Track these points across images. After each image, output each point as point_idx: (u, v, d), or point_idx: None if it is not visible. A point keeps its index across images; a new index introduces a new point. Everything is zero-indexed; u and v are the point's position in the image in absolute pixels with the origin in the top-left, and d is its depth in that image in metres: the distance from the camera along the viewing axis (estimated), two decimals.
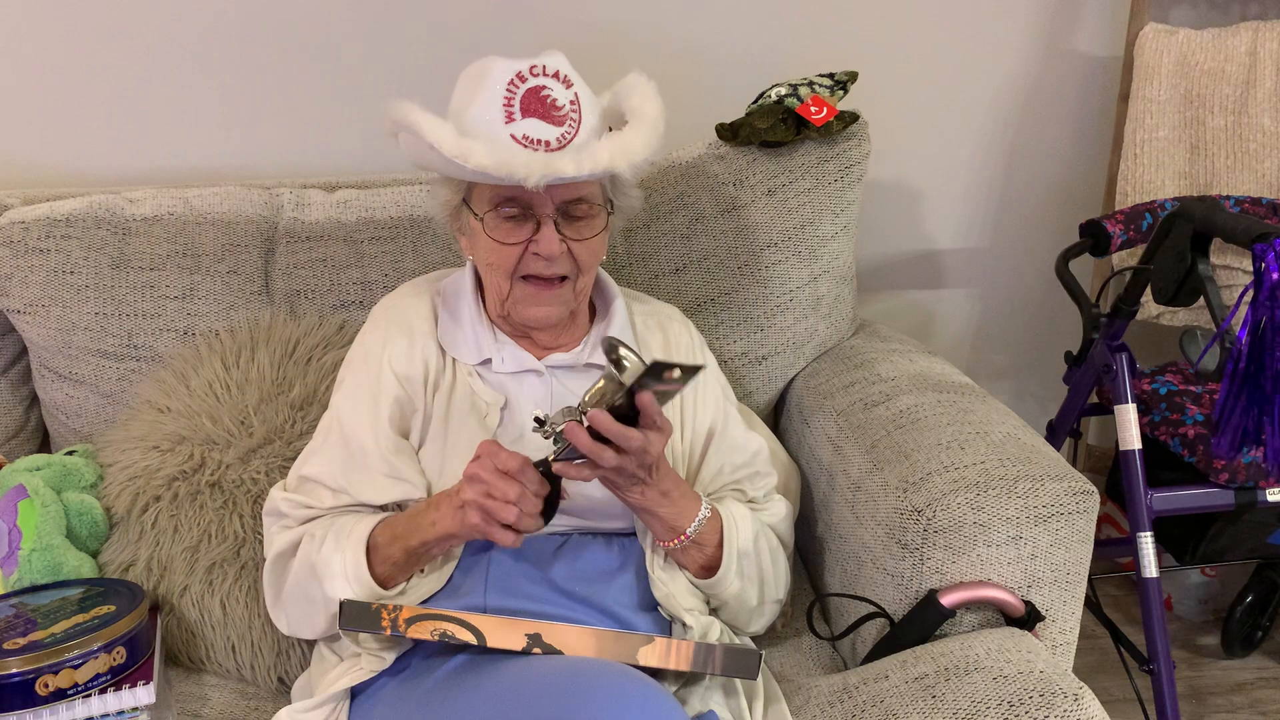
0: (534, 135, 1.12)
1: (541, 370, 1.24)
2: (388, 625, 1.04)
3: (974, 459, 1.23)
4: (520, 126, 1.12)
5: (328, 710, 1.09)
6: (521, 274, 1.19)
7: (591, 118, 1.16)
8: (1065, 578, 1.21)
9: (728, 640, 1.21)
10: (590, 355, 1.26)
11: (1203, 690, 1.90)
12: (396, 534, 1.12)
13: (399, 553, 1.11)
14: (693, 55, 1.83)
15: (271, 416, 1.37)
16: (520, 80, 1.13)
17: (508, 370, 1.24)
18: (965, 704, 1.02)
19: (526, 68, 1.13)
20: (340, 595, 1.11)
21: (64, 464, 1.36)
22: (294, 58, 1.72)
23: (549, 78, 1.13)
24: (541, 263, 1.17)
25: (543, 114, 1.13)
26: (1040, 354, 2.15)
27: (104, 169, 1.71)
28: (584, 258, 1.19)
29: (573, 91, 1.14)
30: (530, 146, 1.12)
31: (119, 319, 1.45)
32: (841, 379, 1.51)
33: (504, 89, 1.12)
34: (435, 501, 1.11)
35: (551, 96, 1.13)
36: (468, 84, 1.17)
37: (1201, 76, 1.84)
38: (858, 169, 1.61)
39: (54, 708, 1.10)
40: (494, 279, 1.22)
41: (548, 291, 1.20)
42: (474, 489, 1.04)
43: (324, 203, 1.55)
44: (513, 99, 1.12)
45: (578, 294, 1.23)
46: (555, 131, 1.13)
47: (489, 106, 1.13)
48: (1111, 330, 1.61)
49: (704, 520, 1.16)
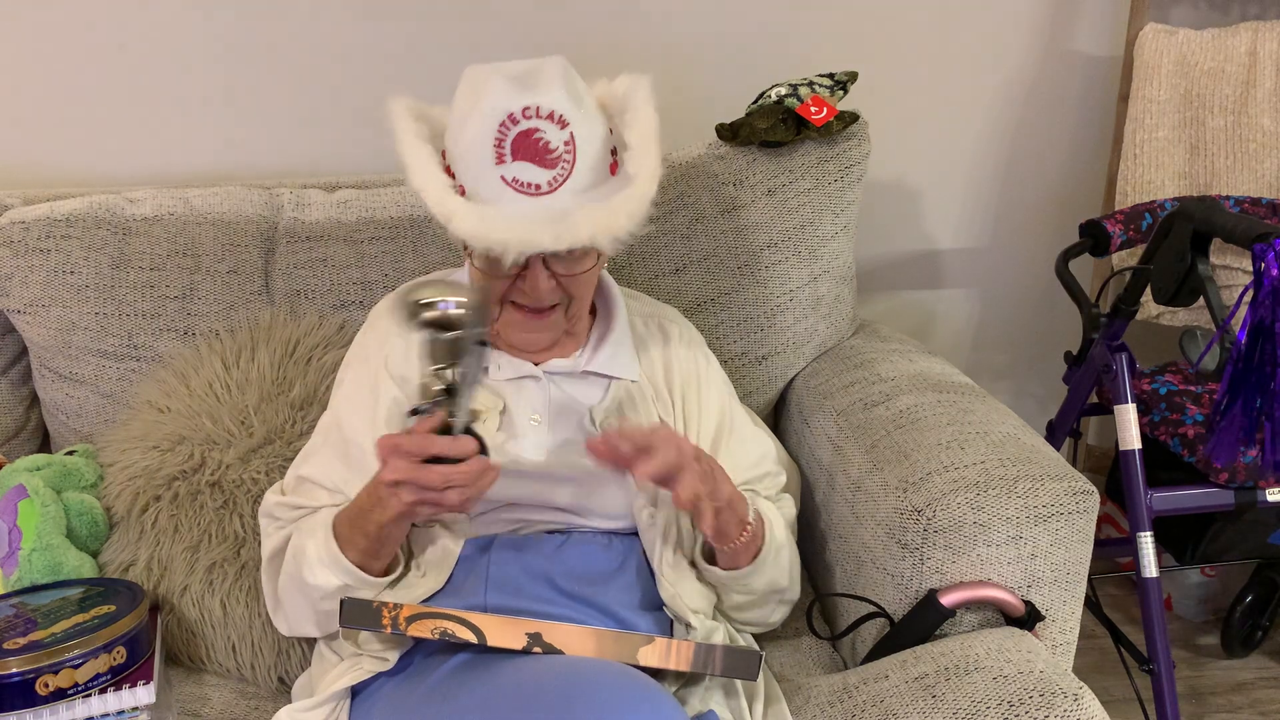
0: (523, 178, 1.09)
1: (539, 376, 1.23)
2: (388, 623, 1.04)
3: (974, 459, 1.23)
4: (510, 169, 1.09)
5: (328, 709, 1.09)
6: (510, 299, 1.18)
7: (590, 154, 1.12)
8: (1065, 578, 1.21)
9: (730, 642, 1.21)
10: (590, 363, 1.25)
11: (1203, 690, 1.90)
12: (352, 521, 1.11)
13: (361, 538, 1.10)
14: (693, 55, 1.83)
15: (271, 416, 1.37)
16: (512, 122, 1.09)
17: (505, 377, 1.23)
18: (965, 704, 1.02)
19: (520, 108, 1.09)
20: (319, 581, 1.12)
21: (64, 464, 1.36)
22: (294, 58, 1.72)
23: (543, 119, 1.09)
24: (528, 297, 1.16)
25: (534, 157, 1.09)
26: (1040, 354, 2.15)
27: (104, 169, 1.71)
28: (576, 289, 1.18)
29: (567, 132, 1.10)
30: (520, 190, 1.10)
31: (119, 319, 1.45)
32: (841, 379, 1.51)
33: (495, 129, 1.09)
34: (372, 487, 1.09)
35: (544, 139, 1.09)
36: (466, 98, 1.14)
37: (1201, 76, 1.84)
38: (858, 169, 1.61)
39: (54, 707, 1.10)
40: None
41: (537, 319, 1.19)
42: (408, 493, 1.02)
43: (324, 203, 1.55)
44: (504, 140, 1.09)
45: (570, 319, 1.22)
46: (546, 175, 1.10)
47: (480, 143, 1.09)
48: (1111, 330, 1.61)
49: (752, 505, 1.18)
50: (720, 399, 1.31)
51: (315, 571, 1.12)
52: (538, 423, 1.21)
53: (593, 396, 1.25)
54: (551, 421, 1.22)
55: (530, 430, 1.21)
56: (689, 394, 1.29)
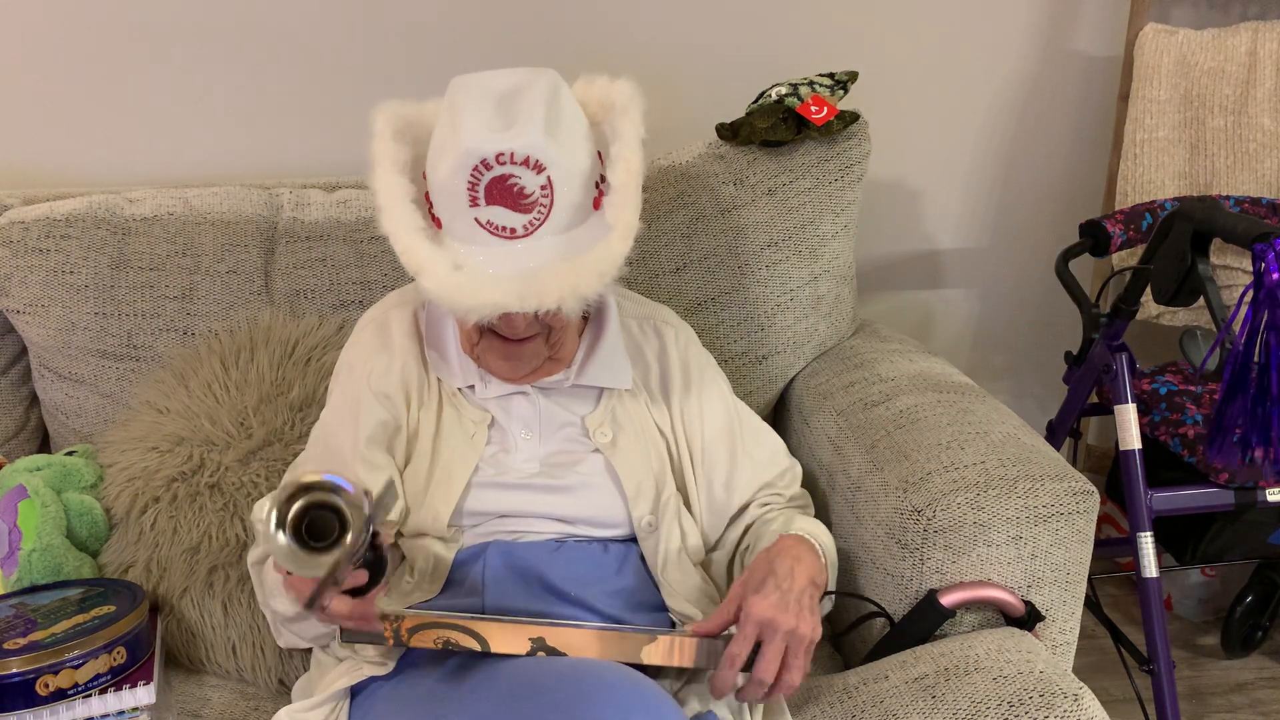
0: (498, 222, 1.06)
1: (528, 391, 1.22)
2: (390, 635, 1.03)
3: (974, 459, 1.23)
4: (484, 213, 1.06)
5: (327, 709, 1.09)
6: (489, 327, 1.14)
7: (570, 193, 1.08)
8: (1065, 578, 1.21)
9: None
10: (580, 377, 1.23)
11: (1203, 690, 1.90)
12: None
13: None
14: (693, 55, 1.83)
15: (271, 418, 1.37)
16: (485, 168, 1.05)
17: (493, 395, 1.22)
18: (965, 704, 1.02)
19: (493, 154, 1.04)
20: (277, 606, 1.14)
21: (64, 464, 1.36)
22: (294, 58, 1.72)
23: (517, 164, 1.05)
24: (505, 331, 1.14)
25: (508, 203, 1.06)
26: (1040, 354, 2.15)
27: (104, 169, 1.71)
28: (556, 323, 1.16)
29: (544, 176, 1.05)
30: (495, 234, 1.07)
31: (119, 319, 1.45)
32: (841, 379, 1.51)
33: (468, 173, 1.05)
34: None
35: (518, 185, 1.06)
36: (445, 125, 1.10)
37: (1201, 76, 1.84)
38: (858, 169, 1.61)
39: (54, 708, 1.10)
40: (462, 327, 1.20)
41: (517, 347, 1.16)
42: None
43: (324, 203, 1.55)
44: (477, 185, 1.05)
45: (552, 345, 1.19)
46: (522, 219, 1.07)
47: (454, 183, 1.06)
48: (1111, 330, 1.61)
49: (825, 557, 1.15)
50: (724, 400, 1.30)
51: (275, 597, 1.14)
52: (528, 437, 1.21)
53: (585, 407, 1.24)
54: (542, 434, 1.21)
55: (521, 444, 1.20)
56: (687, 397, 1.28)
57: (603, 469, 1.20)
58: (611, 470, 1.20)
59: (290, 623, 1.17)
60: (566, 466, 1.20)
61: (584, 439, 1.22)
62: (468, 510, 1.18)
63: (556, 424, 1.22)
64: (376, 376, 1.21)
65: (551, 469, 1.19)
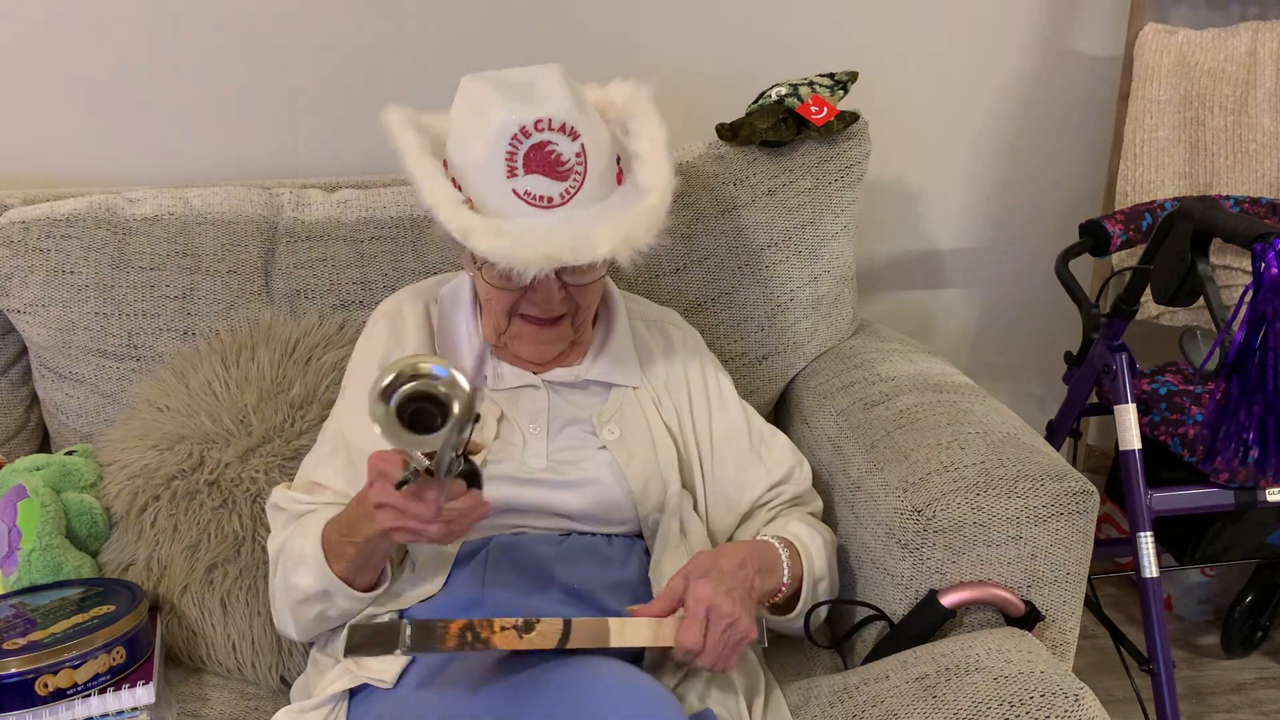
0: (536, 191, 1.09)
1: (539, 385, 1.23)
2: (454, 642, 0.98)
3: (974, 459, 1.23)
4: (522, 183, 1.08)
5: (326, 710, 1.09)
6: (519, 312, 1.18)
7: (599, 161, 1.11)
8: (1065, 578, 1.21)
9: None
10: (590, 372, 1.25)
11: (1203, 690, 1.90)
12: (343, 531, 1.09)
13: (350, 548, 1.08)
14: (693, 55, 1.83)
15: (270, 415, 1.37)
16: (524, 135, 1.08)
17: (505, 387, 1.23)
18: (966, 704, 1.02)
19: (531, 121, 1.07)
20: (298, 581, 1.12)
21: (64, 464, 1.36)
22: (294, 58, 1.72)
23: (555, 131, 1.08)
24: (538, 308, 1.16)
25: (546, 170, 1.09)
26: (1040, 354, 2.15)
27: (104, 169, 1.71)
28: (584, 298, 1.19)
29: (579, 143, 1.09)
30: (533, 204, 1.09)
31: (119, 319, 1.45)
32: (841, 379, 1.51)
33: (506, 143, 1.08)
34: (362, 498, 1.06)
35: (556, 152, 1.08)
36: (468, 113, 1.12)
37: (1201, 76, 1.84)
38: (858, 169, 1.61)
39: (54, 708, 1.10)
40: (491, 314, 1.21)
41: (547, 330, 1.19)
42: (387, 515, 1.00)
43: (324, 203, 1.55)
44: (515, 154, 1.08)
45: (577, 328, 1.22)
46: (559, 187, 1.09)
47: (491, 158, 1.08)
48: (1111, 330, 1.61)
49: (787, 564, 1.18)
50: (734, 401, 1.32)
51: (298, 571, 1.12)
52: (536, 431, 1.21)
53: (594, 405, 1.25)
54: (550, 430, 1.22)
55: (530, 438, 1.21)
56: (696, 398, 1.29)
57: (609, 466, 1.21)
58: (618, 467, 1.20)
59: (308, 603, 1.13)
60: (573, 463, 1.20)
61: (591, 436, 1.22)
62: None
63: (564, 420, 1.23)
64: None
65: (558, 465, 1.20)
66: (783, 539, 1.20)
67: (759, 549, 1.17)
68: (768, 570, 1.16)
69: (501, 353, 1.24)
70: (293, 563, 1.13)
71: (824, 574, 1.23)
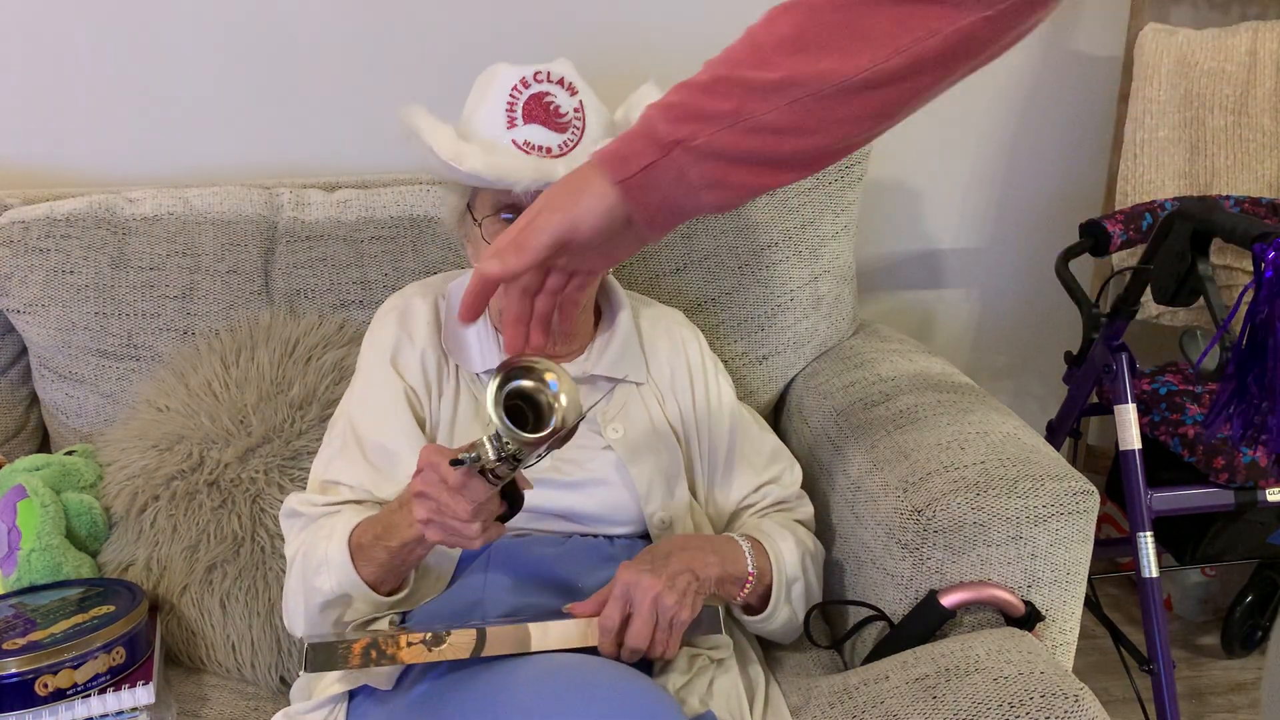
0: (535, 141, 1.12)
1: None
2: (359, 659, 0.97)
3: (974, 459, 1.23)
4: (522, 132, 1.12)
5: (325, 711, 1.09)
6: None
7: (596, 126, 1.15)
8: (1065, 578, 1.21)
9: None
10: (595, 366, 1.25)
11: (1203, 690, 1.90)
12: (377, 534, 1.07)
13: (383, 553, 1.07)
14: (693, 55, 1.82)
15: (270, 415, 1.37)
16: (524, 85, 1.12)
17: None
18: (966, 705, 1.02)
19: (531, 73, 1.13)
20: (320, 584, 1.08)
21: (64, 464, 1.36)
22: (294, 57, 1.72)
23: (553, 84, 1.13)
24: None
25: (545, 120, 1.12)
26: (1040, 354, 2.15)
27: (104, 169, 1.71)
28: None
29: (577, 99, 1.14)
30: (530, 152, 1.11)
31: (119, 319, 1.45)
32: (841, 379, 1.51)
33: (507, 94, 1.12)
34: (405, 501, 1.05)
35: (555, 103, 1.13)
36: (477, 90, 1.17)
37: (1201, 76, 1.84)
38: (858, 169, 1.61)
39: (53, 708, 1.10)
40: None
41: None
42: (425, 507, 0.98)
43: (324, 202, 1.55)
44: (515, 104, 1.12)
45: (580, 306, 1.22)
46: (557, 138, 1.13)
47: (492, 111, 1.13)
48: (1111, 330, 1.61)
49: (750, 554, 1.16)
50: (730, 402, 1.32)
51: (321, 574, 1.09)
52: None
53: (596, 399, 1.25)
54: None
55: None
56: (697, 397, 1.29)
57: (614, 466, 1.21)
58: (623, 467, 1.20)
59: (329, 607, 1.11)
60: (578, 463, 1.20)
61: (596, 435, 1.22)
62: None
63: None
64: (403, 364, 1.22)
65: (562, 464, 1.20)
66: (746, 535, 1.19)
67: (712, 538, 1.17)
68: (726, 557, 1.13)
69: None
70: (315, 565, 1.10)
71: (797, 575, 1.20)
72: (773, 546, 1.19)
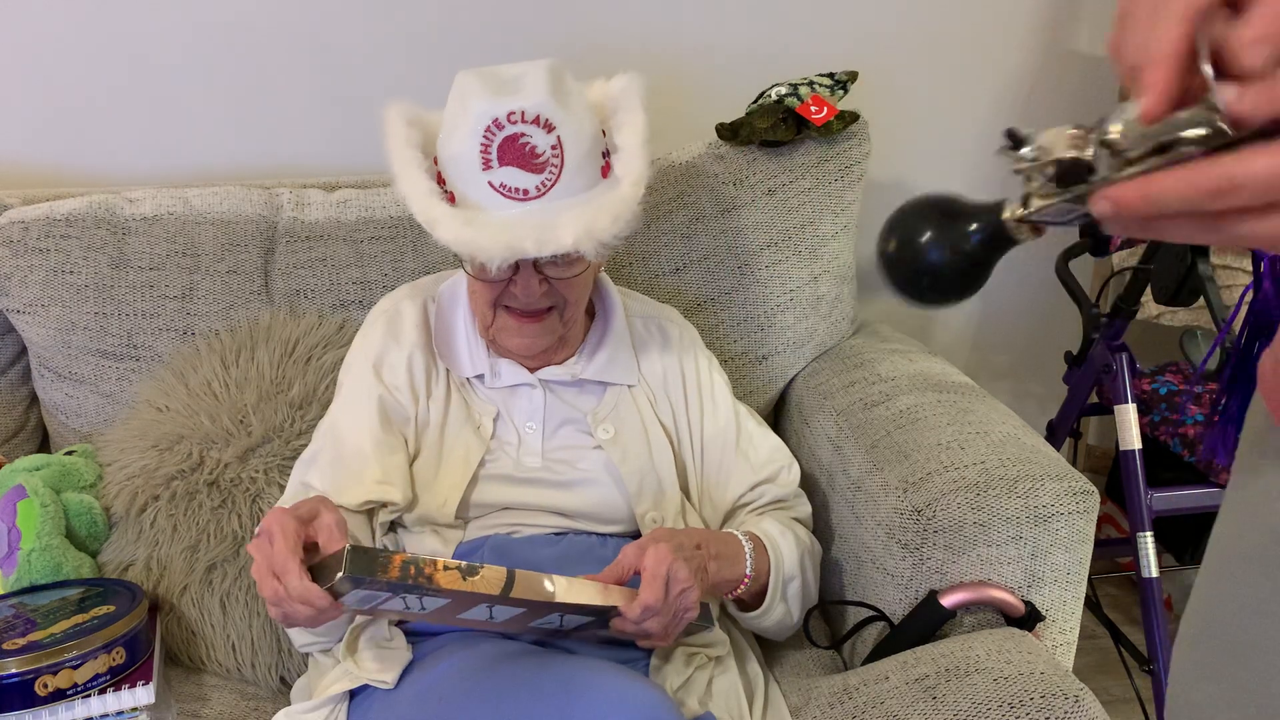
0: (511, 184, 1.08)
1: (535, 384, 1.23)
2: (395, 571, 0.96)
3: (974, 459, 1.23)
4: (498, 175, 1.08)
5: (326, 711, 1.09)
6: (503, 304, 1.17)
7: (576, 157, 1.10)
8: (1065, 578, 1.21)
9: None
10: (585, 370, 1.25)
11: None
12: None
13: None
14: (693, 55, 1.83)
15: (270, 415, 1.37)
16: (497, 127, 1.07)
17: (502, 384, 1.23)
18: (966, 705, 1.02)
19: (504, 113, 1.07)
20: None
21: (63, 464, 1.36)
22: (293, 57, 1.72)
23: (528, 124, 1.07)
24: (519, 301, 1.15)
25: (520, 162, 1.08)
26: (1040, 354, 2.15)
27: (104, 169, 1.71)
28: (569, 292, 1.17)
29: (554, 135, 1.08)
30: (508, 195, 1.09)
31: (119, 319, 1.45)
32: (841, 379, 1.51)
33: (481, 135, 1.07)
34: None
35: (530, 144, 1.08)
36: (454, 105, 1.13)
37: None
38: (858, 169, 1.61)
39: (53, 708, 1.10)
40: (477, 307, 1.20)
41: (532, 323, 1.18)
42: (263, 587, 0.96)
43: (324, 202, 1.55)
44: (490, 146, 1.07)
45: (565, 323, 1.20)
46: (534, 180, 1.08)
47: (467, 149, 1.08)
48: (1111, 330, 1.61)
49: (751, 555, 1.16)
50: (727, 400, 1.31)
51: None
52: (533, 430, 1.21)
53: (589, 404, 1.25)
54: (546, 429, 1.22)
55: (526, 437, 1.21)
56: (691, 396, 1.29)
57: (604, 465, 1.21)
58: (613, 467, 1.20)
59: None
60: (569, 462, 1.21)
61: (587, 435, 1.22)
62: (474, 502, 1.19)
63: (560, 419, 1.23)
64: (388, 369, 1.22)
65: (554, 464, 1.20)
66: (749, 533, 1.19)
67: (720, 537, 1.17)
68: (727, 559, 1.14)
69: (499, 349, 1.24)
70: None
71: (794, 574, 1.20)
72: (773, 547, 1.20)
